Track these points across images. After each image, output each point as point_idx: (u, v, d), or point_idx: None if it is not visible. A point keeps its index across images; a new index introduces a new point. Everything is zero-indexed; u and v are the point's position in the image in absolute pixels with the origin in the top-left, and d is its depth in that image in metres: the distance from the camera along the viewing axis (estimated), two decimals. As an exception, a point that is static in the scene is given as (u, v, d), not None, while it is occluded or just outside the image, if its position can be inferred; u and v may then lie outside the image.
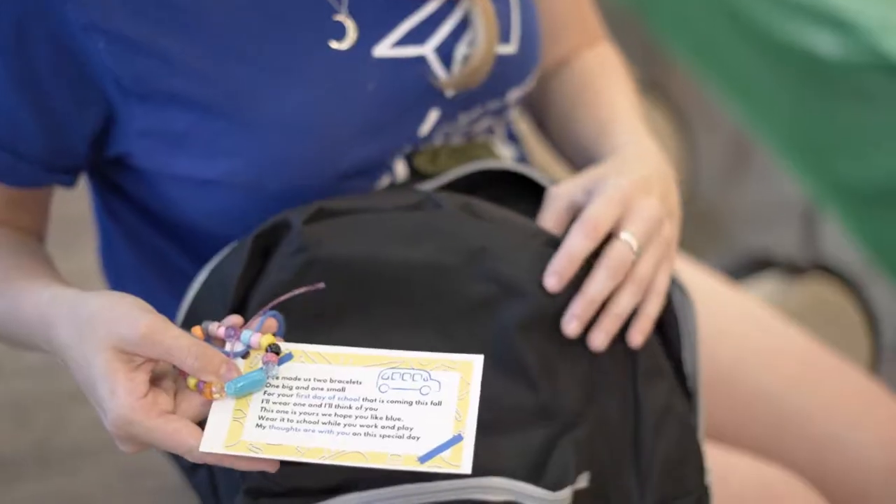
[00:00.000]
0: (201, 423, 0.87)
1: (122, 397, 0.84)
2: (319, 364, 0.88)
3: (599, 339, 0.96)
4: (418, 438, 0.84)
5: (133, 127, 0.98)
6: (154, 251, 1.11)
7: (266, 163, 0.98)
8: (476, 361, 0.87)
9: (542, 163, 1.33)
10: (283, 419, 0.86)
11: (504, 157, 1.16)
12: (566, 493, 0.90)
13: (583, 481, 0.92)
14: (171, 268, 1.11)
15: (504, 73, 1.07)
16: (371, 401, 0.86)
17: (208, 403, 0.87)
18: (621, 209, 0.97)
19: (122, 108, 0.97)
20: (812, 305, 1.87)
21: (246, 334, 0.88)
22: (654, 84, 2.38)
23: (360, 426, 0.85)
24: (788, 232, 2.14)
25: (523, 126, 1.28)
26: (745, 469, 1.11)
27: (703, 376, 1.04)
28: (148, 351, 0.85)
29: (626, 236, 0.97)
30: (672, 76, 2.47)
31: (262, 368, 0.87)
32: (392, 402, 0.86)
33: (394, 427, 0.85)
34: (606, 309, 0.96)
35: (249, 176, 0.99)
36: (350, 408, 0.86)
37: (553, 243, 0.97)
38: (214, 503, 0.98)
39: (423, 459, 0.83)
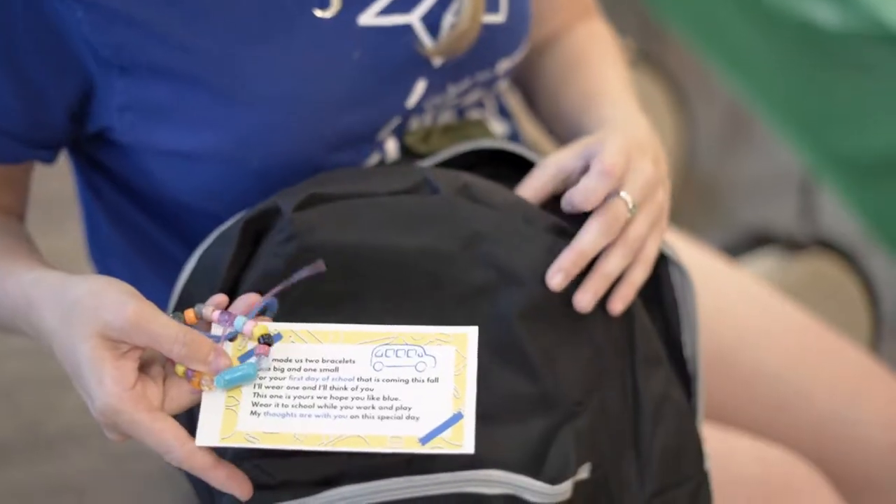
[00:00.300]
0: (195, 410, 0.85)
1: (109, 386, 0.82)
2: (310, 343, 0.86)
3: (586, 300, 0.93)
4: (418, 418, 0.83)
5: (113, 101, 0.96)
6: (137, 230, 1.09)
7: (250, 134, 0.96)
8: (470, 333, 0.85)
9: (534, 139, 1.30)
10: (277, 404, 0.84)
11: (497, 134, 1.14)
12: (566, 486, 0.88)
13: (584, 472, 0.90)
14: (155, 247, 1.09)
15: (493, 43, 1.05)
16: (366, 380, 0.84)
17: (198, 391, 0.85)
18: (626, 160, 0.95)
19: (102, 81, 0.95)
20: (811, 281, 1.86)
21: (239, 321, 0.86)
22: (649, 56, 2.36)
23: (358, 408, 0.83)
24: (786, 203, 2.12)
25: (515, 101, 1.26)
26: (745, 450, 1.10)
27: (702, 358, 1.02)
28: (135, 338, 0.83)
29: (623, 194, 0.94)
30: (668, 48, 2.46)
31: (252, 363, 0.85)
32: (388, 380, 0.84)
33: (392, 407, 0.83)
34: (595, 268, 0.94)
35: (233, 148, 0.97)
36: (345, 389, 0.84)
37: (553, 228, 0.95)
38: (207, 492, 0.95)
39: (424, 441, 0.82)
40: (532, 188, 0.97)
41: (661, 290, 1.00)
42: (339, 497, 0.87)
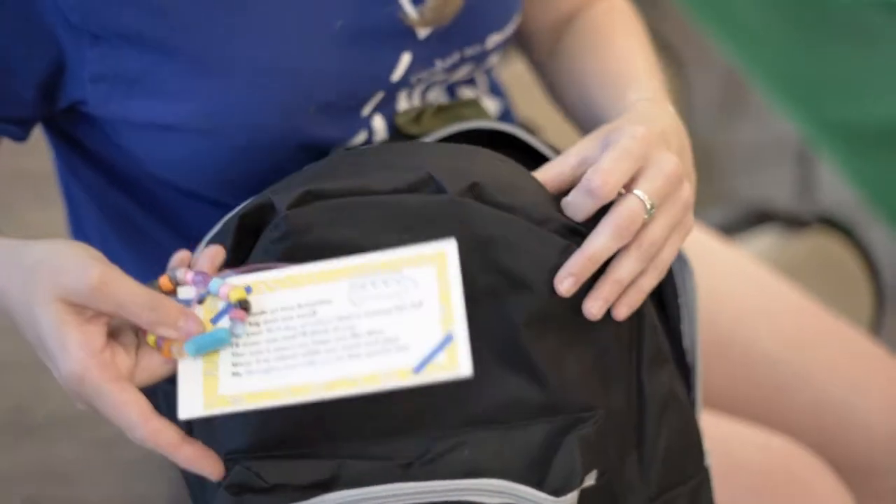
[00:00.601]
0: (172, 380, 0.81)
1: (73, 352, 0.78)
2: (281, 290, 0.82)
3: (596, 307, 0.87)
4: (407, 348, 0.78)
5: (85, 71, 0.93)
6: (118, 210, 1.07)
7: (228, 105, 0.93)
8: (449, 248, 0.81)
9: (527, 115, 1.28)
10: (258, 360, 0.80)
11: (491, 113, 1.10)
12: (572, 496, 0.84)
13: (590, 479, 0.86)
14: (136, 228, 1.07)
15: (483, 16, 1.02)
16: (347, 318, 0.80)
17: (171, 361, 0.81)
18: (638, 163, 0.88)
19: (73, 51, 0.92)
20: (812, 258, 1.84)
21: (215, 284, 0.82)
22: (646, 25, 2.33)
23: (343, 349, 0.79)
24: (784, 174, 2.11)
25: (506, 76, 1.23)
26: (746, 437, 1.08)
27: (700, 348, 0.98)
28: (99, 304, 0.79)
29: (640, 193, 0.87)
30: (665, 17, 2.44)
31: (224, 327, 0.81)
32: (369, 314, 0.80)
33: (378, 341, 0.79)
34: (607, 273, 0.87)
35: (211, 120, 0.94)
36: (327, 332, 0.80)
37: (565, 230, 0.89)
38: (199, 487, 0.92)
39: (417, 369, 0.78)
40: (551, 176, 0.91)
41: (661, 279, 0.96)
42: (332, 502, 0.84)
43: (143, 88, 0.93)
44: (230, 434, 0.85)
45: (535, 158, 0.98)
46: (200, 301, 0.82)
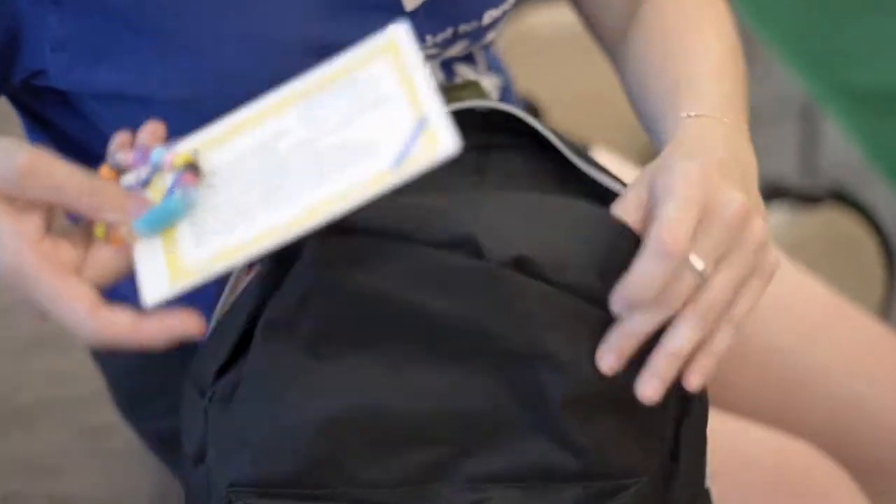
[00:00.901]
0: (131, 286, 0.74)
1: (7, 243, 0.72)
2: (232, 141, 0.75)
3: (650, 389, 0.76)
4: (380, 150, 0.70)
5: (46, 37, 0.87)
6: None
7: (204, 78, 0.88)
8: (399, 31, 0.73)
9: (526, 89, 1.23)
10: (219, 221, 0.72)
11: (491, 95, 1.05)
12: None
13: None
14: None
15: None
16: (307, 142, 0.72)
17: (123, 250, 0.74)
18: (700, 211, 0.76)
19: (32, 17, 0.86)
20: (824, 235, 1.81)
21: (156, 153, 0.75)
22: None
23: (310, 176, 0.71)
24: (788, 134, 2.08)
25: (503, 44, 1.18)
26: (762, 440, 1.04)
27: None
28: (32, 191, 0.73)
29: (693, 257, 0.76)
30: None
31: (177, 197, 0.73)
32: (331, 129, 0.72)
33: (345, 154, 0.71)
34: (660, 344, 0.76)
35: (184, 93, 0.88)
36: (288, 166, 0.72)
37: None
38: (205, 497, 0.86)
39: (395, 166, 0.69)
40: (631, 211, 0.81)
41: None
42: None
43: (111, 57, 0.88)
44: (235, 465, 0.79)
45: (535, 139, 0.93)
46: (146, 184, 0.75)
